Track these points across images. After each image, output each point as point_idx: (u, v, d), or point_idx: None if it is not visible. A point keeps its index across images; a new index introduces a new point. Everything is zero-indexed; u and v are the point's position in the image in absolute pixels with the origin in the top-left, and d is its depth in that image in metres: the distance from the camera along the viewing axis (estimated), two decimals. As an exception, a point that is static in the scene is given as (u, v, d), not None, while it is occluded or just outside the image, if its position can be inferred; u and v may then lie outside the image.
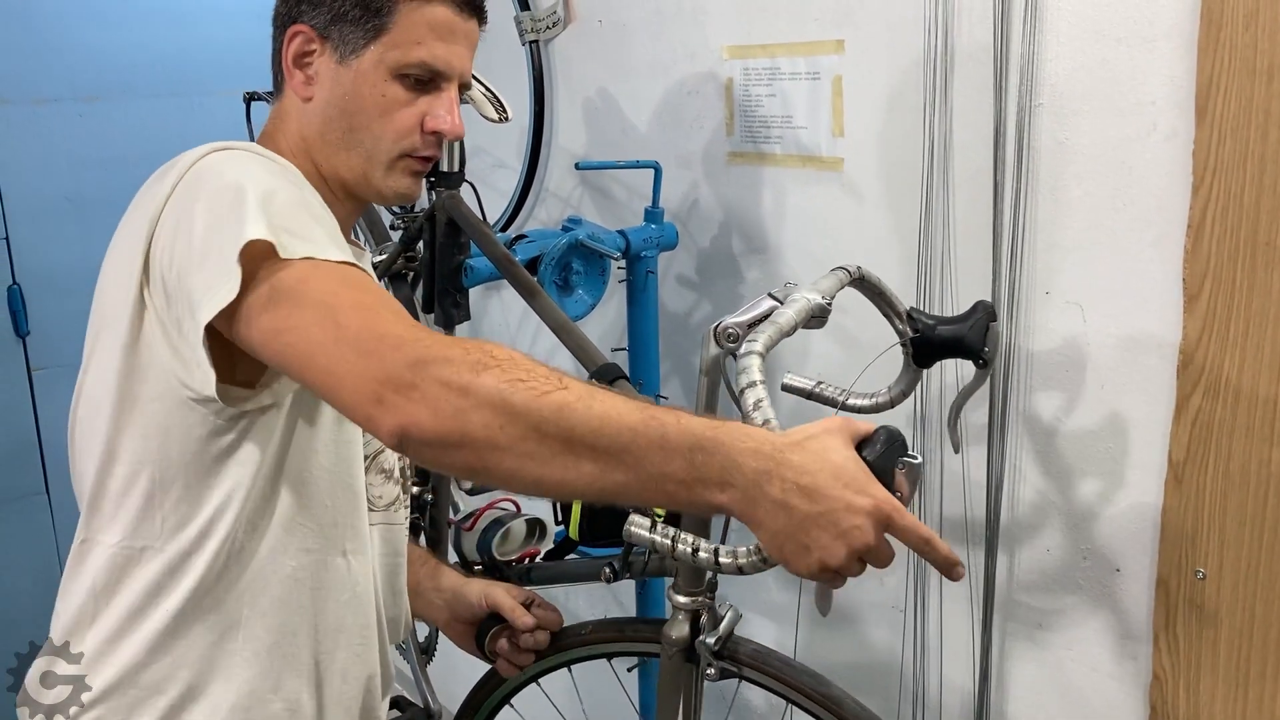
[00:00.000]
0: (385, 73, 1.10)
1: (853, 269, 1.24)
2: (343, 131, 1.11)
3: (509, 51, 2.16)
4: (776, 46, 1.66)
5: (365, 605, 1.18)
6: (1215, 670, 1.29)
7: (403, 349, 0.86)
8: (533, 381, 0.85)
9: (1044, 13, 1.32)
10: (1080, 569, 1.42)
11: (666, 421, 0.84)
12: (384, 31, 1.08)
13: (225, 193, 0.97)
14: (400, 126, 1.11)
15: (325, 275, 0.94)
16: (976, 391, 1.31)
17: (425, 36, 1.10)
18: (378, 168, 1.13)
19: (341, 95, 1.10)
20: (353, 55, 1.09)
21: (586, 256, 1.78)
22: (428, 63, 1.10)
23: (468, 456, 0.86)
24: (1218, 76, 1.17)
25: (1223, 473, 1.25)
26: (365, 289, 0.94)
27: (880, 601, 1.66)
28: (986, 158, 1.40)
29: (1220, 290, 1.21)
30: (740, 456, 0.83)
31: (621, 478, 0.85)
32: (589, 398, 0.85)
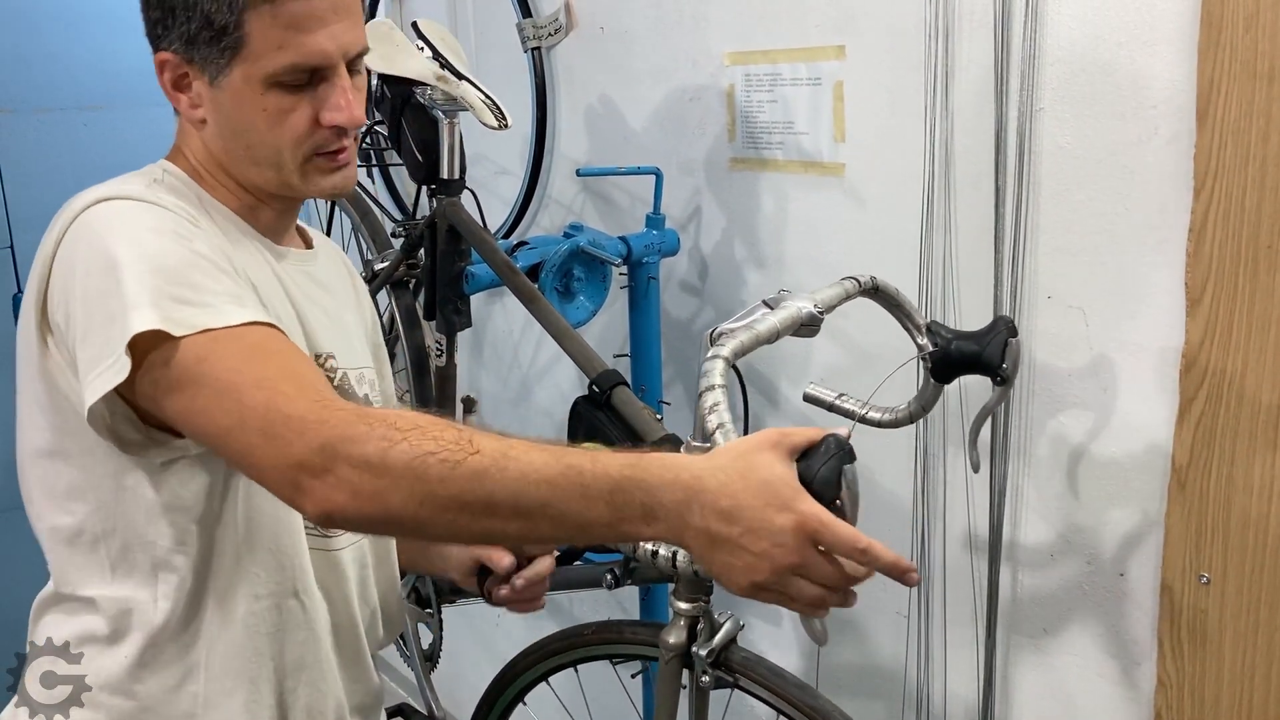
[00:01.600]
0: (258, 86, 1.03)
1: (864, 279, 1.23)
2: (244, 149, 1.07)
3: (511, 58, 2.16)
4: (778, 52, 1.66)
5: (322, 641, 1.14)
6: (1220, 676, 1.28)
7: (307, 433, 0.86)
8: (444, 452, 0.84)
9: (1044, 18, 1.32)
10: (1084, 574, 1.41)
11: (584, 468, 0.84)
12: (241, 46, 1.01)
13: (101, 266, 0.94)
14: (295, 133, 1.05)
15: (224, 350, 0.91)
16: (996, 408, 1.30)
17: (285, 38, 1.01)
18: (291, 175, 1.08)
19: (227, 117, 1.05)
20: (220, 76, 1.03)
21: (588, 263, 1.78)
22: (298, 64, 1.03)
23: (396, 529, 0.92)
24: (1218, 80, 1.17)
25: (1226, 477, 1.24)
26: (266, 358, 0.92)
27: (884, 607, 1.66)
28: (988, 162, 1.40)
29: (1222, 294, 1.21)
30: (659, 491, 0.84)
31: (548, 530, 0.87)
32: (503, 459, 0.85)
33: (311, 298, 1.16)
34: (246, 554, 1.07)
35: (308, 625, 1.12)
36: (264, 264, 1.11)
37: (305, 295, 1.15)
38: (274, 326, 0.97)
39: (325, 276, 1.22)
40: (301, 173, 1.08)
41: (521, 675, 1.54)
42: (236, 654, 1.07)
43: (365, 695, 1.23)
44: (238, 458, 0.92)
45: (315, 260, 1.21)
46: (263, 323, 0.95)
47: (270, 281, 1.11)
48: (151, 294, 0.92)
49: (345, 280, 1.29)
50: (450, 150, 1.74)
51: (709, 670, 1.24)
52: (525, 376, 2.37)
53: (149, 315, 0.90)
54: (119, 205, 0.99)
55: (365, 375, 1.22)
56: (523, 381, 2.38)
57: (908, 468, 1.58)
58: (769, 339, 1.10)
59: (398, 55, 1.69)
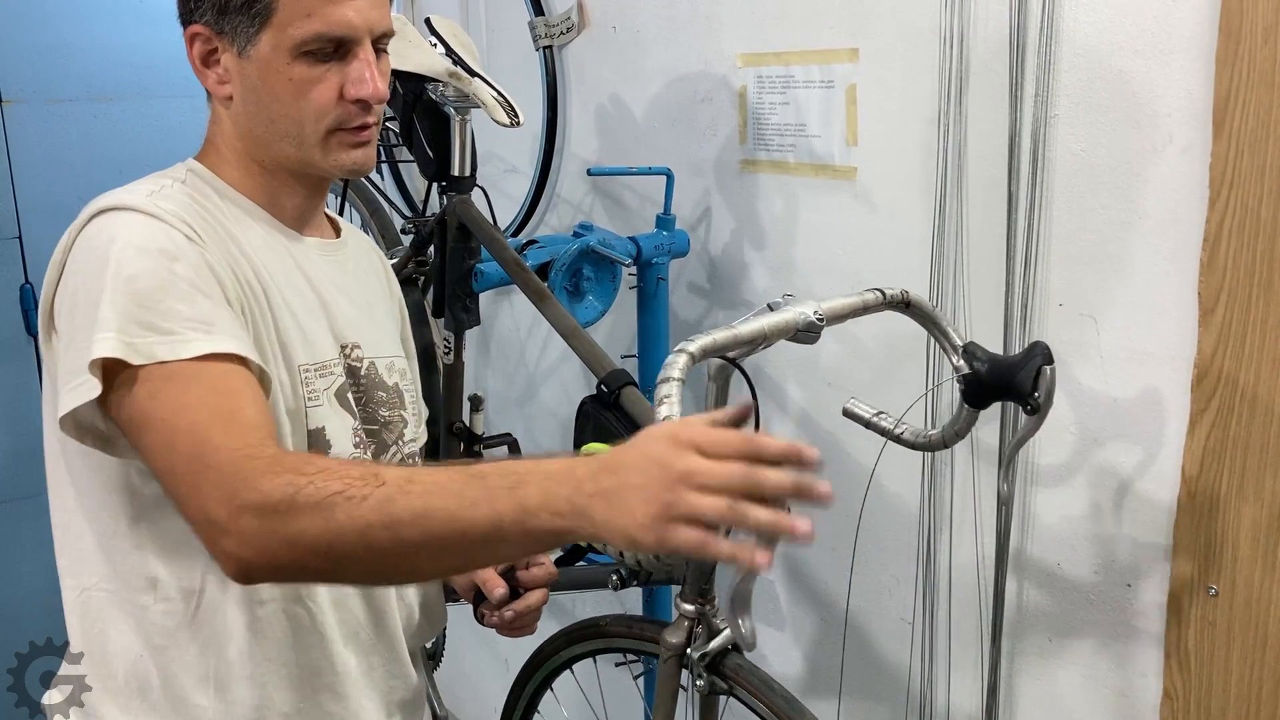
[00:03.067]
0: (285, 55, 1.05)
1: (894, 292, 1.20)
2: (267, 123, 1.08)
3: (523, 57, 2.16)
4: (791, 54, 1.65)
5: (336, 646, 1.13)
6: (1227, 689, 1.28)
7: (221, 485, 0.87)
8: (350, 489, 0.85)
9: (1060, 24, 1.31)
10: (1091, 584, 1.41)
11: (486, 472, 0.86)
12: (271, 14, 1.04)
13: (88, 280, 0.97)
14: (319, 105, 1.07)
15: (172, 389, 0.93)
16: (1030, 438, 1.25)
17: (313, 7, 1.04)
18: (312, 150, 1.09)
19: (253, 89, 1.07)
20: (249, 46, 1.05)
21: (597, 262, 1.78)
22: (324, 33, 1.05)
23: (311, 576, 0.94)
24: (1236, 90, 1.16)
25: (1236, 489, 1.24)
26: (204, 399, 0.93)
27: (889, 613, 1.65)
28: (1001, 168, 1.39)
29: (1236, 304, 1.20)
30: (549, 480, 0.83)
31: (459, 547, 0.86)
32: (408, 482, 0.86)
33: (339, 286, 1.17)
34: None
35: (318, 631, 1.11)
36: (285, 254, 1.12)
37: (331, 283, 1.16)
38: (237, 358, 0.97)
39: (354, 265, 1.23)
40: (323, 147, 1.09)
41: (547, 661, 1.57)
42: (245, 660, 1.07)
43: (405, 692, 1.23)
44: (171, 497, 0.94)
45: (344, 249, 1.22)
46: (224, 355, 0.96)
47: (290, 272, 1.12)
48: (120, 318, 0.94)
49: (377, 270, 1.29)
50: (462, 147, 1.74)
51: (703, 674, 1.24)
52: (531, 375, 2.36)
53: (111, 342, 0.93)
54: (116, 218, 1.01)
55: (395, 364, 1.23)
56: (529, 380, 2.37)
57: (914, 475, 1.57)
58: (751, 342, 1.08)
59: (410, 51, 1.69)
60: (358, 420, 1.16)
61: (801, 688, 1.87)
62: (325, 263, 1.17)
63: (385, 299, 1.28)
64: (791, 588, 1.85)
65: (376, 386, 1.19)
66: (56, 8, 2.60)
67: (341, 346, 1.15)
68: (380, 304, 1.26)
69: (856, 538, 1.64)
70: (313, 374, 1.11)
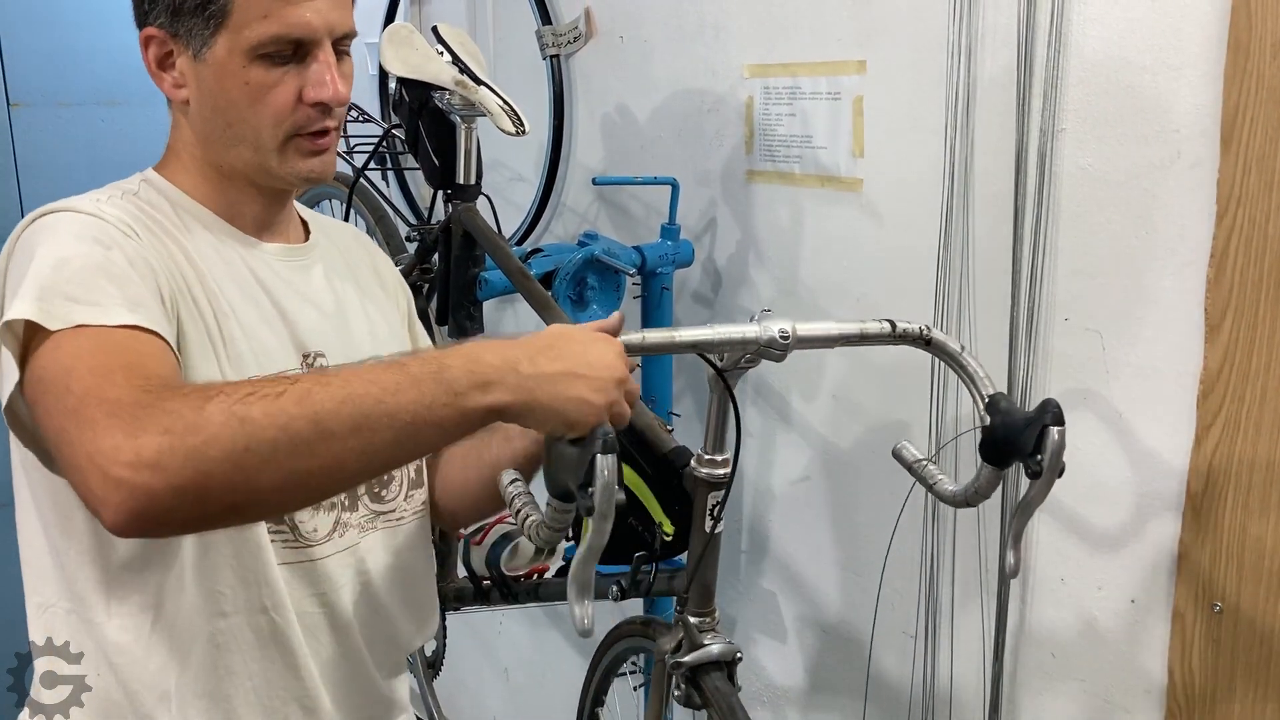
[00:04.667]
0: (241, 59, 1.01)
1: (909, 326, 1.11)
2: (222, 128, 1.05)
3: (529, 65, 2.16)
4: (798, 66, 1.65)
5: (302, 656, 1.09)
6: (1231, 707, 1.27)
7: (119, 414, 0.79)
8: (261, 390, 0.80)
9: (1068, 38, 1.31)
10: (1094, 600, 1.40)
11: (406, 360, 0.86)
12: (226, 16, 1.00)
13: (23, 268, 0.94)
14: (277, 109, 1.03)
15: (82, 341, 0.87)
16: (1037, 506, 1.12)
17: (270, 7, 1.00)
18: (269, 156, 1.06)
19: (209, 93, 1.03)
20: (204, 49, 1.01)
21: (602, 272, 1.78)
22: (282, 35, 1.01)
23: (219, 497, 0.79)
24: (1244, 106, 1.16)
25: (1242, 505, 1.23)
26: (120, 350, 0.87)
27: (891, 628, 1.65)
28: (1008, 182, 1.39)
29: (1243, 321, 1.20)
30: (481, 356, 0.87)
31: (389, 434, 0.83)
32: (324, 376, 0.84)
33: (303, 293, 1.13)
34: (205, 571, 1.03)
35: (283, 642, 1.07)
36: (239, 264, 1.08)
37: (293, 291, 1.12)
38: (159, 336, 0.92)
39: (326, 267, 1.18)
40: (280, 153, 1.05)
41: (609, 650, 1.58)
42: (208, 675, 1.04)
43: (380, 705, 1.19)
44: (60, 458, 0.84)
45: (312, 252, 1.17)
46: (145, 329, 0.91)
47: (245, 282, 1.08)
48: (42, 289, 0.90)
49: (362, 268, 1.23)
50: (467, 155, 1.74)
51: (682, 685, 1.23)
52: (535, 384, 2.36)
53: (27, 306, 0.88)
54: (58, 217, 0.99)
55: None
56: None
57: (918, 489, 1.56)
58: (688, 349, 1.07)
59: (417, 59, 1.69)
60: None
61: (804, 701, 1.87)
62: (287, 269, 1.13)
63: (377, 293, 1.22)
64: (795, 602, 1.85)
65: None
66: (66, 13, 2.61)
67: (304, 356, 1.10)
68: (361, 303, 1.19)
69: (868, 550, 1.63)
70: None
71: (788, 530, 1.84)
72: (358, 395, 0.82)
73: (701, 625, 1.23)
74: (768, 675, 1.92)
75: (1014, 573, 1.15)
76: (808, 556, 1.80)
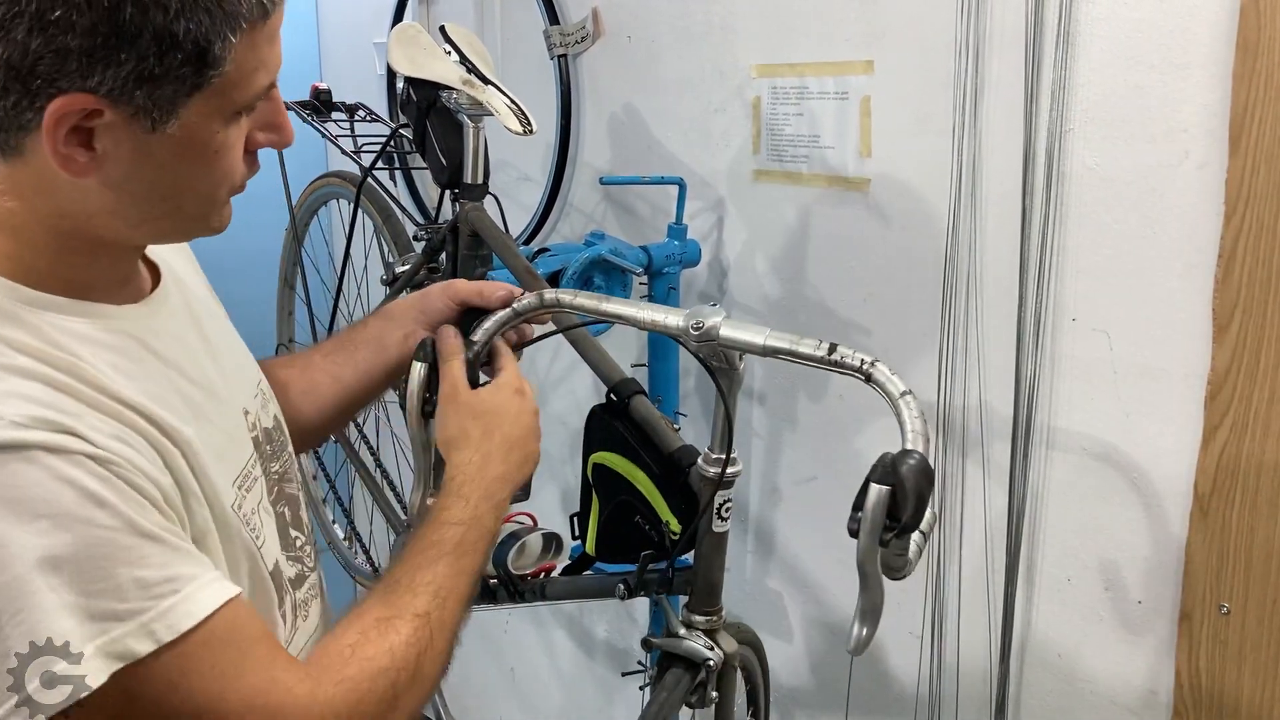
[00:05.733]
0: (219, 122, 0.81)
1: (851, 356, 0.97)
2: (152, 205, 0.83)
3: (537, 65, 2.16)
4: (805, 66, 1.65)
5: None
6: (1239, 708, 1.27)
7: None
8: (419, 639, 0.91)
9: (1076, 37, 1.31)
10: (1101, 600, 1.40)
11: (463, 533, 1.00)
12: (215, 77, 0.78)
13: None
14: (236, 173, 0.86)
15: (195, 666, 0.76)
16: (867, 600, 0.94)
17: (263, 56, 0.82)
18: (201, 223, 0.88)
19: (155, 168, 0.80)
20: (170, 119, 0.78)
21: (609, 271, 1.78)
22: (269, 85, 0.85)
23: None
24: (1253, 106, 1.16)
25: (1250, 506, 1.23)
26: (234, 653, 0.79)
27: (897, 627, 1.65)
28: (1015, 182, 1.39)
29: (1251, 321, 1.20)
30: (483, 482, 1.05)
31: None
32: (437, 597, 0.95)
33: (185, 342, 0.94)
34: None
35: None
36: (140, 354, 0.87)
37: (188, 351, 0.94)
38: (235, 597, 0.81)
39: (183, 297, 0.99)
40: (214, 218, 0.89)
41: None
42: None
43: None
44: None
45: (168, 289, 0.96)
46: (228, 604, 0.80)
47: (148, 364, 0.87)
48: (84, 617, 0.72)
49: (195, 280, 1.06)
50: (475, 155, 1.74)
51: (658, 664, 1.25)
52: (541, 384, 2.36)
53: (92, 657, 0.72)
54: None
55: (262, 388, 1.06)
56: (539, 389, 2.37)
57: (925, 487, 1.56)
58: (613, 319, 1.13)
59: (424, 59, 1.69)
60: (272, 506, 1.00)
61: (808, 701, 1.87)
62: (174, 324, 0.94)
63: (205, 286, 1.08)
64: (801, 602, 1.85)
65: (271, 441, 1.04)
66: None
67: (245, 417, 0.98)
68: (215, 322, 1.04)
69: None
70: (246, 504, 0.93)
71: (794, 530, 1.84)
72: (467, 594, 0.98)
73: (706, 624, 1.24)
74: (774, 675, 1.92)
75: (857, 652, 0.94)
76: (814, 556, 1.80)
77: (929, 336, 1.51)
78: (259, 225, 2.83)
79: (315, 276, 2.59)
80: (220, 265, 1.24)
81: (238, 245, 2.66)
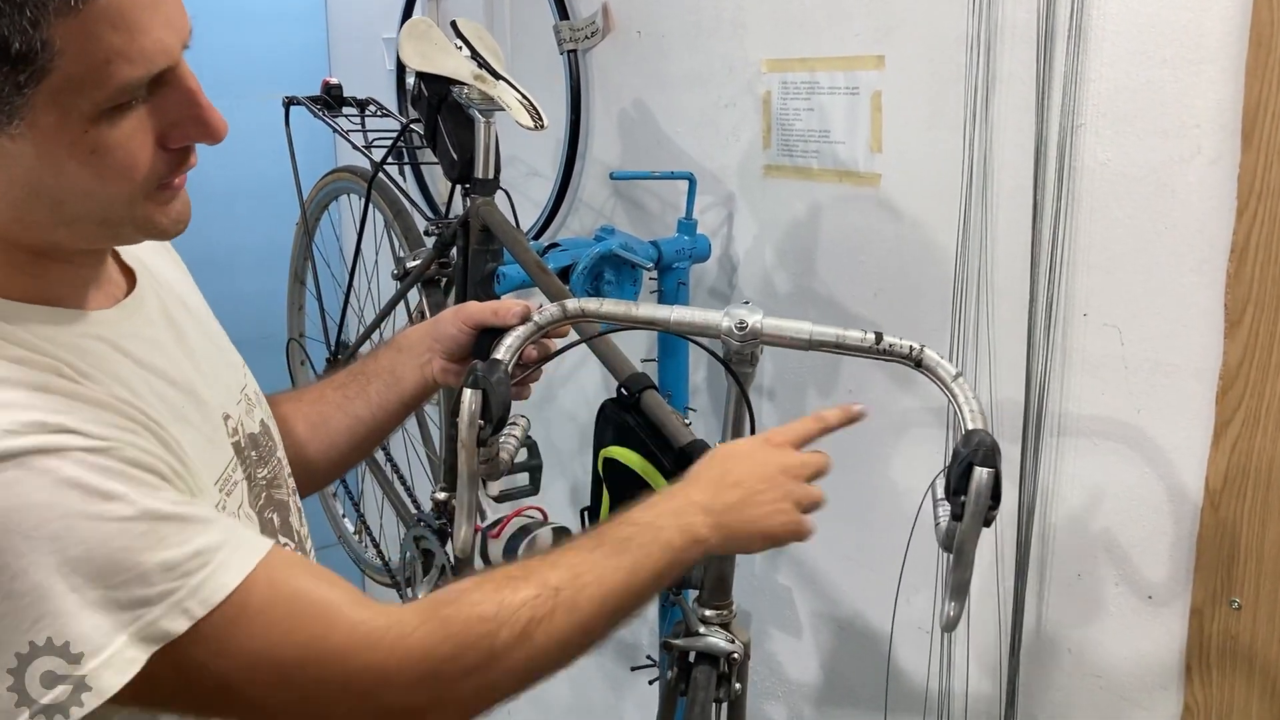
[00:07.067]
0: (80, 124, 0.73)
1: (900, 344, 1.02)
2: (49, 210, 0.77)
3: (547, 61, 2.16)
4: (816, 61, 1.65)
5: None
6: (1249, 704, 1.27)
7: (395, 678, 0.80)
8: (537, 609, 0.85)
9: (1088, 32, 1.31)
10: (1111, 596, 1.40)
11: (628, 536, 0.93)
12: (46, 74, 0.70)
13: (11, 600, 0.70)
14: (136, 170, 0.78)
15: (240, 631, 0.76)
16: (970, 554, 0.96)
17: (112, 45, 0.72)
18: (125, 226, 0.81)
19: (25, 172, 0.74)
20: (13, 120, 0.72)
21: (619, 266, 1.78)
22: (141, 78, 0.74)
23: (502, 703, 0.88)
24: (1266, 100, 1.15)
25: (1261, 502, 1.23)
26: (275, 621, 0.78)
27: (906, 622, 1.65)
28: (1027, 177, 1.39)
29: (1263, 316, 1.19)
30: (679, 516, 0.96)
31: (633, 607, 0.93)
32: (575, 580, 0.88)
33: (161, 346, 0.91)
34: None
35: None
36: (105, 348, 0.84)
37: (157, 349, 0.90)
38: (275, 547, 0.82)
39: (162, 300, 0.96)
40: (143, 217, 0.81)
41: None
42: None
43: None
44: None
45: (143, 293, 0.93)
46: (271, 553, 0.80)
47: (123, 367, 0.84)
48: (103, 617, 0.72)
49: (179, 283, 1.03)
50: (486, 150, 1.74)
51: (674, 667, 1.24)
52: (550, 379, 2.37)
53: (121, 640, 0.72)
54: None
55: (248, 394, 1.03)
56: (547, 384, 2.37)
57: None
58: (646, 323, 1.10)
59: (436, 54, 1.69)
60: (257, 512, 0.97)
61: (817, 696, 1.87)
62: (149, 328, 0.91)
63: (193, 292, 1.04)
64: (810, 597, 1.85)
65: (253, 447, 1.00)
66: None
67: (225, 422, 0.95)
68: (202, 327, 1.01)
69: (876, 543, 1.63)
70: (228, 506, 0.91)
71: (803, 525, 1.84)
72: (613, 589, 0.90)
73: (719, 618, 1.24)
74: (783, 670, 1.92)
75: (950, 627, 1.02)
76: (823, 552, 1.80)
77: (940, 332, 1.51)
78: (270, 220, 2.84)
79: (326, 271, 2.59)
80: (231, 260, 1.25)
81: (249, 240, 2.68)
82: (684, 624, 1.24)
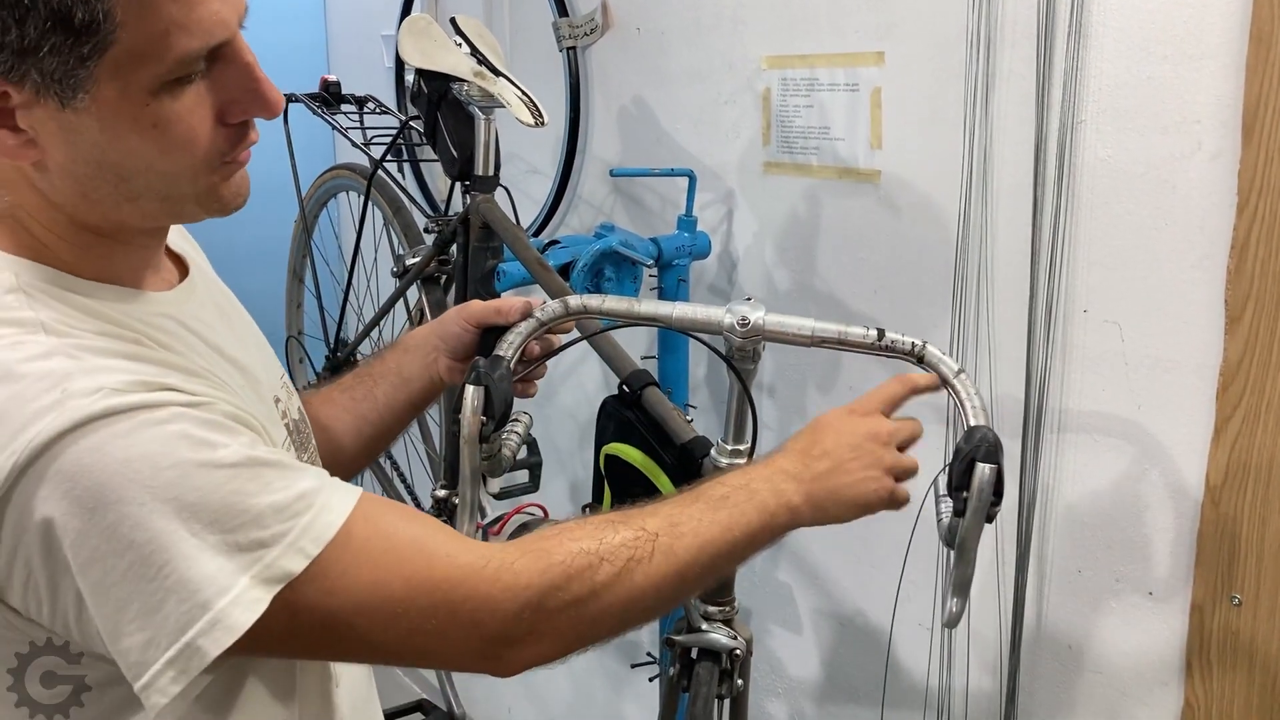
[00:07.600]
0: (143, 96, 0.75)
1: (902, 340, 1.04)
2: (114, 186, 0.79)
3: (546, 57, 2.16)
4: (816, 57, 1.65)
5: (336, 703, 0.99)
6: (1249, 700, 1.27)
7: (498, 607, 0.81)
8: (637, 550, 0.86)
9: (1088, 28, 1.31)
10: (1112, 592, 1.40)
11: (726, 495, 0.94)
12: (108, 46, 0.72)
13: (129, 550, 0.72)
14: (198, 144, 0.80)
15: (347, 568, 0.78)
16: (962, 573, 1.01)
17: (172, 17, 0.74)
18: (188, 203, 0.83)
19: (90, 146, 0.77)
20: (78, 93, 0.74)
21: (619, 263, 1.78)
22: (198, 50, 0.76)
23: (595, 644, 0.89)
24: (1266, 96, 1.15)
25: (1262, 498, 1.23)
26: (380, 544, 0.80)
27: (906, 619, 1.65)
28: (1027, 173, 1.39)
29: (1263, 312, 1.19)
30: (772, 481, 0.96)
31: (726, 564, 0.95)
32: (673, 528, 0.89)
33: (217, 330, 0.93)
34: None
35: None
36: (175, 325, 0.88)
37: (215, 331, 0.92)
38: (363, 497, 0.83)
39: (211, 290, 1.00)
40: (206, 192, 0.83)
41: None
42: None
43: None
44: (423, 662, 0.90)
45: (195, 281, 0.96)
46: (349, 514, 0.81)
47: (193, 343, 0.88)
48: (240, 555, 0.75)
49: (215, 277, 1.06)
50: (486, 147, 1.74)
51: (676, 663, 1.24)
52: (550, 376, 2.36)
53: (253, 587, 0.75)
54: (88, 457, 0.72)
55: (285, 381, 1.05)
56: (548, 381, 2.37)
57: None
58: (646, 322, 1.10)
59: (436, 51, 1.69)
60: None
61: (818, 693, 1.87)
62: (204, 311, 0.93)
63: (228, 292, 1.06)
64: (810, 594, 1.85)
65: (297, 431, 1.02)
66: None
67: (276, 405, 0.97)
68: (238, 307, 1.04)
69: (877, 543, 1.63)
70: None
71: (803, 522, 1.84)
72: (709, 540, 0.90)
73: (721, 614, 1.24)
74: (783, 667, 1.92)
75: (952, 624, 1.04)
76: (823, 549, 1.81)
77: (940, 328, 1.51)
78: (268, 217, 2.83)
79: (325, 269, 2.59)
80: (229, 257, 1.24)
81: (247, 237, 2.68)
82: (686, 620, 1.24)
